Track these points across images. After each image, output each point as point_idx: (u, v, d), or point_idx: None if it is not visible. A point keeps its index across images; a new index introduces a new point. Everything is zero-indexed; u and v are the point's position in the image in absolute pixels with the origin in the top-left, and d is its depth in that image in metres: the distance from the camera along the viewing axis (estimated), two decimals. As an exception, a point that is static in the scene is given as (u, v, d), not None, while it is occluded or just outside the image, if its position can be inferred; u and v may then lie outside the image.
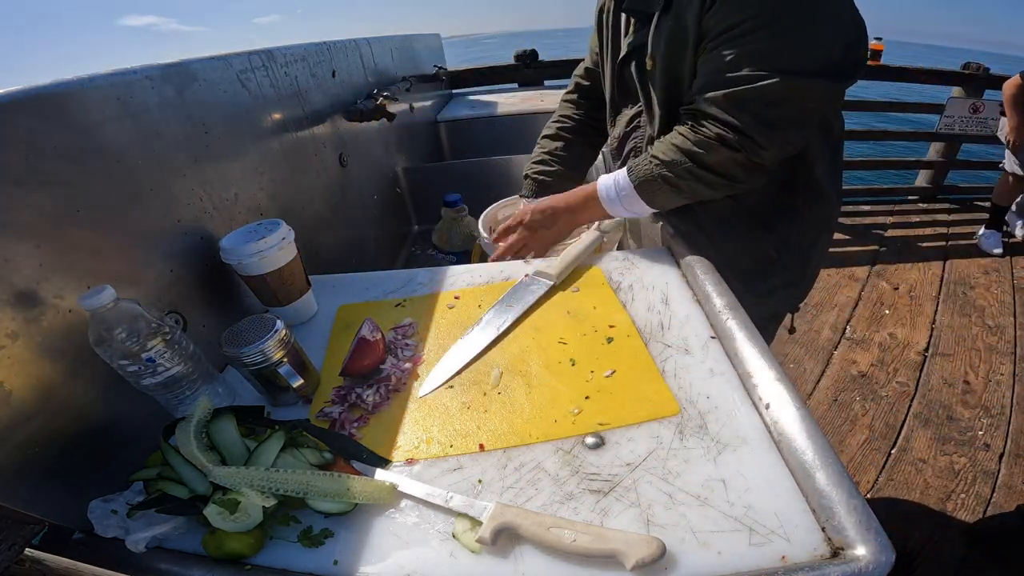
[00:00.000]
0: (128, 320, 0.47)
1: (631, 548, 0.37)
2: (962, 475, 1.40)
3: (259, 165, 0.80)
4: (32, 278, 0.44)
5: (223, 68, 0.73)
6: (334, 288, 0.80)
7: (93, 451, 0.48)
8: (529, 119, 1.90)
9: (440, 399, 0.57)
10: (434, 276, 0.80)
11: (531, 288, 0.73)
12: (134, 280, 0.55)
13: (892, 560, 0.36)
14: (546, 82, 2.41)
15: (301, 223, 0.77)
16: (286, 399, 0.58)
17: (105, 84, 0.53)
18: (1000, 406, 1.62)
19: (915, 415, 1.61)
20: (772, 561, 0.38)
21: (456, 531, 0.42)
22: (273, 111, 0.85)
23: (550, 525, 0.40)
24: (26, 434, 0.42)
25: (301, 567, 0.42)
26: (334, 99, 1.09)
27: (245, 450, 0.47)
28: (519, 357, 0.62)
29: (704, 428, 0.49)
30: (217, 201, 0.70)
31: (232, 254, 0.64)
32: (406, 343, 0.66)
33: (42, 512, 0.43)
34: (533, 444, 0.50)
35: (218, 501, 0.41)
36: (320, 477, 0.44)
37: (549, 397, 0.55)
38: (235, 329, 0.54)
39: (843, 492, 0.40)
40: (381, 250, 1.34)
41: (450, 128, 1.95)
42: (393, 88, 1.34)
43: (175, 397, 0.52)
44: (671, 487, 0.44)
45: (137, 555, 0.42)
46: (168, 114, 0.61)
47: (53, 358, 0.45)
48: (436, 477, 0.48)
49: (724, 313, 0.61)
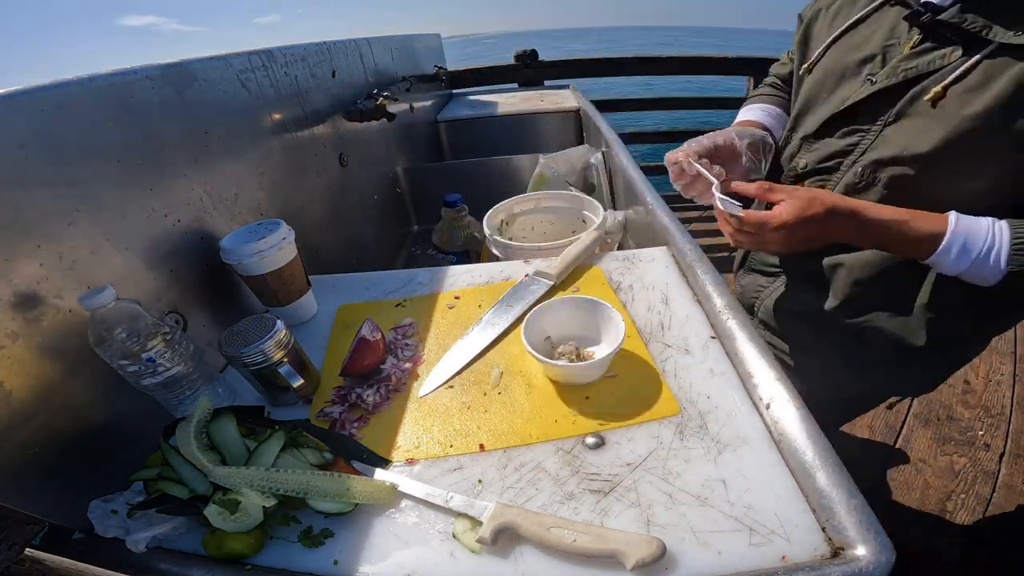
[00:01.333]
0: (128, 320, 0.47)
1: (631, 548, 0.37)
2: (962, 475, 1.40)
3: (259, 165, 0.80)
4: (32, 278, 0.44)
5: (223, 68, 0.73)
6: (334, 288, 0.80)
7: (93, 451, 0.48)
8: (529, 119, 1.90)
9: (440, 399, 0.57)
10: (434, 276, 0.80)
11: (531, 288, 0.73)
12: (134, 280, 0.55)
13: (892, 560, 0.36)
14: (546, 82, 2.41)
15: (301, 223, 0.77)
16: (286, 399, 0.58)
17: (105, 84, 0.53)
18: (1000, 406, 1.62)
19: (915, 415, 1.61)
20: (772, 561, 0.38)
21: (456, 531, 0.42)
22: (273, 111, 0.85)
23: (550, 525, 0.40)
24: (26, 434, 0.42)
25: (301, 567, 0.42)
26: (334, 99, 1.09)
27: (245, 450, 0.47)
28: (519, 357, 0.62)
29: (704, 428, 0.49)
30: (217, 201, 0.70)
31: (232, 254, 0.64)
32: (406, 343, 0.66)
33: (42, 512, 0.43)
34: (533, 444, 0.50)
35: (218, 501, 0.41)
36: (320, 477, 0.44)
37: (549, 397, 0.55)
38: (235, 329, 0.54)
39: (843, 492, 0.40)
40: (381, 250, 1.34)
41: (450, 128, 1.95)
42: (393, 88, 1.34)
43: (175, 397, 0.52)
44: (671, 487, 0.44)
45: (137, 555, 0.42)
46: (168, 114, 0.61)
47: (53, 358, 0.45)
48: (436, 477, 0.48)
49: (724, 313, 0.61)
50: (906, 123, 0.58)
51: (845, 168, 0.65)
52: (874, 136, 0.61)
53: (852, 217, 0.57)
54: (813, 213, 0.57)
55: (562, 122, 1.89)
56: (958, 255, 0.53)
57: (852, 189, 0.64)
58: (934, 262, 0.55)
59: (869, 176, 0.62)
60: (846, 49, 0.66)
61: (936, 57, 0.55)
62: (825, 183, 0.68)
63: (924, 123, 0.56)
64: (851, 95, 0.63)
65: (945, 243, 0.53)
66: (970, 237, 0.53)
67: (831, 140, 0.67)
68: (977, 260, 0.52)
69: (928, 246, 0.55)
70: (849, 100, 0.63)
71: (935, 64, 0.54)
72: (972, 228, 0.53)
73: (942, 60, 0.54)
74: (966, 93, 0.52)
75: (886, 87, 0.58)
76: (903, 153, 0.58)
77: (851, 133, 0.64)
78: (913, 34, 0.58)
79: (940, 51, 0.54)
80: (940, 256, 0.54)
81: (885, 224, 0.57)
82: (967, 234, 0.53)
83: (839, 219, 0.57)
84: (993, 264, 0.52)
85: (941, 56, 0.54)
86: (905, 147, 0.57)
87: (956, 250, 0.53)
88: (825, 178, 0.68)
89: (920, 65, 0.56)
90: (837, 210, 0.57)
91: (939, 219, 0.55)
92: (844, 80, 0.65)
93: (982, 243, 0.52)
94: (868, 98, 0.61)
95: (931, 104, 0.54)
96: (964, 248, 0.53)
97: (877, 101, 0.60)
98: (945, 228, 0.54)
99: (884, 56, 0.61)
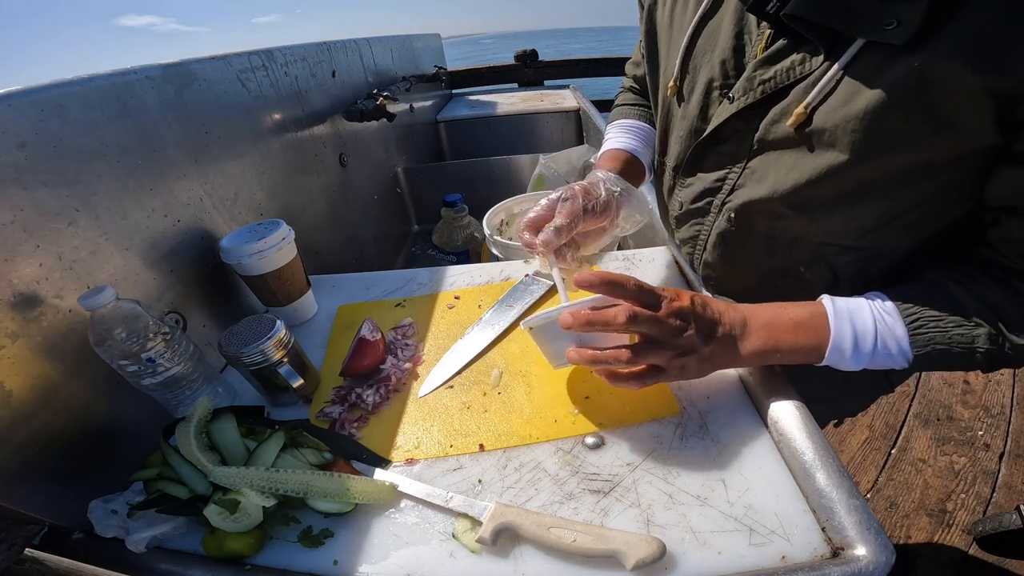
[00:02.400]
0: (128, 320, 0.47)
1: (631, 548, 0.37)
2: (962, 475, 1.40)
3: (259, 165, 0.80)
4: (32, 278, 0.44)
5: (223, 68, 0.73)
6: (334, 288, 0.80)
7: (93, 451, 0.48)
8: (529, 119, 1.90)
9: (440, 399, 0.57)
10: (434, 276, 0.80)
11: (531, 288, 0.73)
12: (134, 280, 0.55)
13: (892, 560, 0.36)
14: (546, 82, 2.41)
15: (301, 223, 0.77)
16: (286, 399, 0.58)
17: (105, 84, 0.53)
18: (1000, 406, 1.62)
19: (915, 415, 1.61)
20: (772, 561, 0.38)
21: (456, 531, 0.42)
22: (273, 111, 0.85)
23: (550, 525, 0.40)
24: (26, 434, 0.42)
25: (301, 567, 0.42)
26: (334, 99, 1.09)
27: (245, 450, 0.47)
28: (519, 357, 0.62)
29: (704, 428, 0.49)
30: (217, 201, 0.70)
31: (232, 254, 0.64)
32: (406, 343, 0.66)
33: (42, 512, 0.43)
34: (533, 444, 0.50)
35: (218, 501, 0.41)
36: (320, 477, 0.44)
37: (549, 397, 0.55)
38: (235, 329, 0.54)
39: (843, 492, 0.40)
40: (381, 250, 1.34)
41: (450, 128, 1.95)
42: (393, 88, 1.34)
43: (175, 397, 0.52)
44: (671, 487, 0.44)
45: (137, 555, 0.42)
46: (168, 114, 0.61)
47: (53, 358, 0.45)
48: (436, 477, 0.48)
49: (724, 313, 0.61)
50: (773, 155, 0.47)
51: (715, 211, 0.55)
52: (740, 169, 0.51)
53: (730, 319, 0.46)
54: (688, 309, 0.45)
55: (562, 122, 1.89)
56: (853, 352, 0.43)
57: (724, 240, 0.54)
58: (830, 357, 0.44)
59: (744, 222, 0.51)
60: (700, 52, 0.53)
61: (795, 62, 0.43)
62: (699, 231, 0.57)
63: (792, 155, 0.45)
64: (713, 115, 0.52)
65: (833, 340, 0.43)
66: (845, 323, 0.43)
67: (702, 174, 0.55)
68: (878, 353, 0.43)
69: (815, 340, 0.44)
70: (712, 123, 0.52)
71: (795, 73, 0.44)
72: (853, 310, 0.44)
73: (802, 67, 0.43)
74: (832, 112, 0.41)
75: (748, 105, 0.47)
76: (773, 194, 0.47)
77: (718, 166, 0.53)
78: (764, 30, 0.46)
79: (799, 54, 0.43)
80: (832, 356, 0.44)
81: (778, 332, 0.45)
82: (850, 311, 0.44)
83: (713, 319, 0.45)
84: (898, 354, 0.43)
85: (801, 61, 0.43)
86: (774, 187, 0.47)
87: (848, 345, 0.43)
88: (698, 223, 0.57)
89: (779, 75, 0.44)
90: (701, 305, 0.46)
91: (808, 314, 0.45)
92: (706, 95, 0.53)
93: (864, 326, 0.43)
94: (730, 119, 0.50)
95: (794, 129, 0.44)
96: (856, 344, 0.43)
97: (739, 121, 0.49)
98: (825, 325, 0.44)
99: (736, 60, 0.49)
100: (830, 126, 0.41)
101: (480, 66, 2.40)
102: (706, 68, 0.52)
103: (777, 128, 0.46)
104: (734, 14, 0.49)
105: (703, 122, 0.54)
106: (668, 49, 0.58)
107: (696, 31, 0.53)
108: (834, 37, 0.40)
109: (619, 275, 0.45)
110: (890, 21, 0.36)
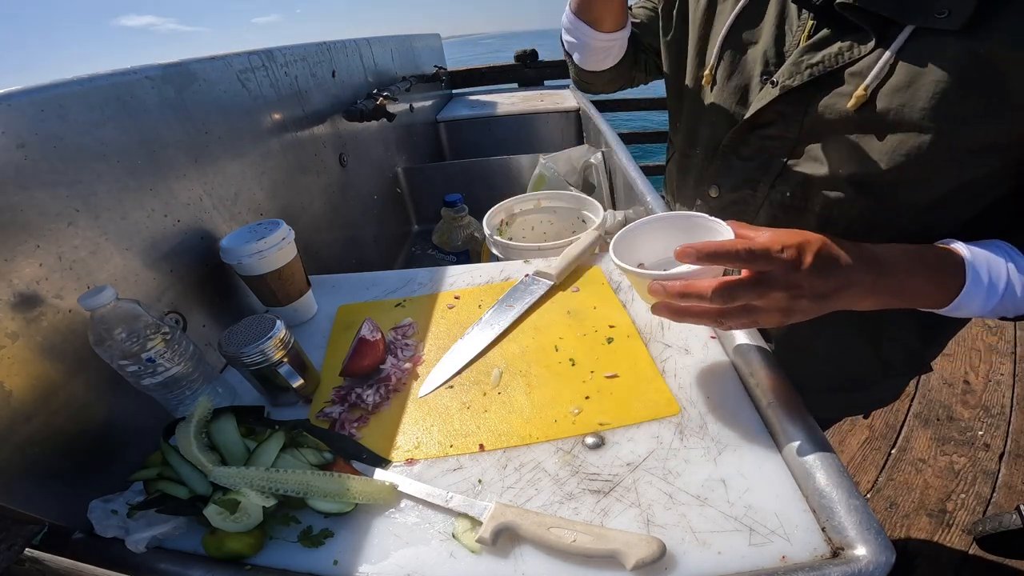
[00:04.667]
0: (128, 320, 0.47)
1: (631, 548, 0.37)
2: (962, 475, 1.40)
3: (259, 165, 0.80)
4: (32, 278, 0.44)
5: (223, 68, 0.73)
6: (334, 288, 0.80)
7: (93, 451, 0.48)
8: (529, 119, 1.90)
9: (440, 399, 0.57)
10: (434, 276, 0.80)
11: (531, 288, 0.73)
12: (134, 280, 0.55)
13: (892, 560, 0.36)
14: (546, 82, 2.41)
15: (301, 223, 0.77)
16: (286, 399, 0.58)
17: (105, 84, 0.53)
18: (1000, 406, 1.62)
19: (915, 415, 1.61)
20: (772, 561, 0.38)
21: (456, 531, 0.42)
22: (273, 111, 0.85)
23: (550, 525, 0.40)
24: (26, 434, 0.42)
25: (301, 567, 0.42)
26: (334, 99, 1.09)
27: (245, 450, 0.47)
28: (519, 357, 0.62)
29: (704, 428, 0.49)
30: (217, 201, 0.70)
31: (232, 254, 0.64)
32: (406, 343, 0.66)
33: (42, 512, 0.43)
34: (533, 444, 0.50)
35: (218, 501, 0.41)
36: (320, 477, 0.44)
37: (549, 397, 0.55)
38: (235, 329, 0.54)
39: (843, 492, 0.40)
40: (381, 250, 1.34)
41: (450, 128, 1.95)
42: (393, 88, 1.34)
43: (175, 397, 0.52)
44: (671, 487, 0.44)
45: (137, 555, 0.42)
46: (168, 114, 0.61)
47: (53, 358, 0.45)
48: (436, 477, 0.48)
49: (724, 313, 0.61)
50: (830, 136, 0.48)
51: (763, 190, 0.55)
52: (789, 148, 0.51)
53: (864, 253, 0.41)
54: (818, 241, 0.40)
55: (562, 122, 1.89)
56: (988, 291, 0.41)
57: (775, 223, 0.52)
58: (959, 304, 0.42)
59: (799, 203, 0.52)
60: (739, 41, 0.55)
61: (843, 48, 0.45)
62: (742, 212, 0.57)
63: (852, 136, 0.46)
64: (754, 100, 0.53)
65: (970, 280, 0.41)
66: (992, 266, 0.41)
67: (742, 159, 0.57)
68: (1008, 293, 0.41)
69: (953, 286, 0.42)
70: (753, 107, 0.53)
71: (844, 58, 0.45)
72: (988, 255, 0.42)
73: (851, 52, 0.44)
74: (895, 94, 0.42)
75: (792, 88, 0.49)
76: (834, 174, 0.48)
77: (762, 150, 0.54)
78: (806, 19, 0.49)
79: (846, 41, 0.45)
80: (968, 295, 0.41)
81: (906, 263, 0.42)
82: (987, 263, 0.42)
83: (852, 254, 0.41)
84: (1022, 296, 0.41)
85: (849, 47, 0.44)
86: (835, 168, 0.48)
87: (986, 285, 0.41)
88: (742, 207, 0.58)
89: (827, 59, 0.46)
90: (842, 243, 0.41)
91: (948, 252, 0.43)
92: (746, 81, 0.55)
93: (1004, 271, 0.41)
94: (774, 102, 0.51)
95: (855, 111, 0.45)
96: (991, 282, 0.41)
97: (784, 105, 0.50)
98: (961, 262, 0.42)
99: (778, 49, 0.51)
100: (895, 106, 0.42)
101: (480, 66, 2.40)
102: (748, 56, 0.54)
103: (835, 109, 0.47)
104: (776, 5, 0.52)
105: (742, 107, 0.55)
106: (699, 36, 0.60)
107: (736, 21, 0.55)
108: (883, 24, 0.42)
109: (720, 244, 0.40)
110: (942, 10, 0.38)
